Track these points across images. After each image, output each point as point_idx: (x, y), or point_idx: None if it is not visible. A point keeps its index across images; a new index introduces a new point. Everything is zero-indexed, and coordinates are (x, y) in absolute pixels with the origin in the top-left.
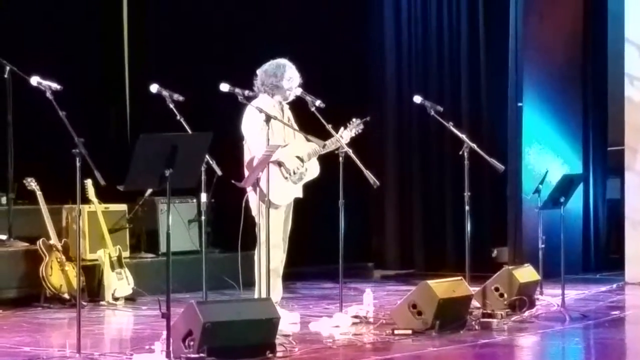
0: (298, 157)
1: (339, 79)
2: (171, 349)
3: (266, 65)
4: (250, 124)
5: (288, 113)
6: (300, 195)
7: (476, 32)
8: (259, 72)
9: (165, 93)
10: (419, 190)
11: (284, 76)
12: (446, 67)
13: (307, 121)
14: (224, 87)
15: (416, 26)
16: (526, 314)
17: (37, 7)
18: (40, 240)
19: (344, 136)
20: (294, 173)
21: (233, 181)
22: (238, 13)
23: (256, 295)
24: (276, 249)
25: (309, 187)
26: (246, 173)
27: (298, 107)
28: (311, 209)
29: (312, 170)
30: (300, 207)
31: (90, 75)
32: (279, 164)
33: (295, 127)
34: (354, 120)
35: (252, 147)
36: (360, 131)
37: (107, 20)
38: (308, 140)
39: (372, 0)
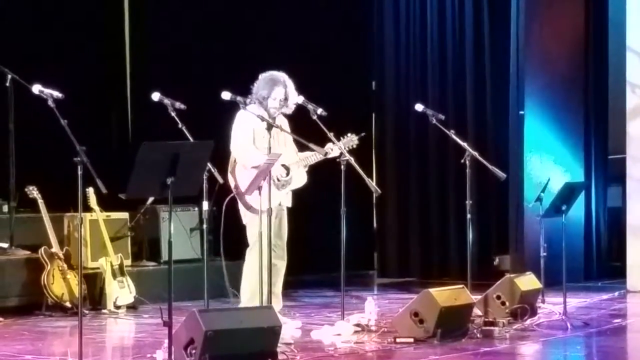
0: (284, 166)
1: (339, 87)
2: (173, 357)
3: (265, 74)
4: (238, 130)
5: (281, 120)
6: (288, 204)
7: (480, 40)
8: (260, 78)
9: (166, 101)
10: (420, 198)
11: (271, 95)
12: (449, 76)
13: (304, 129)
14: (226, 95)
15: (417, 35)
16: (528, 322)
17: (38, 16)
18: (42, 248)
19: (333, 149)
20: (278, 180)
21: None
22: (240, 21)
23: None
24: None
25: (309, 195)
26: (230, 179)
27: (298, 115)
28: (312, 217)
29: (298, 179)
30: (301, 215)
31: (92, 83)
32: None
33: (289, 134)
34: (348, 135)
35: (238, 154)
36: (354, 146)
37: (109, 28)
38: (310, 148)
39: (372, 8)
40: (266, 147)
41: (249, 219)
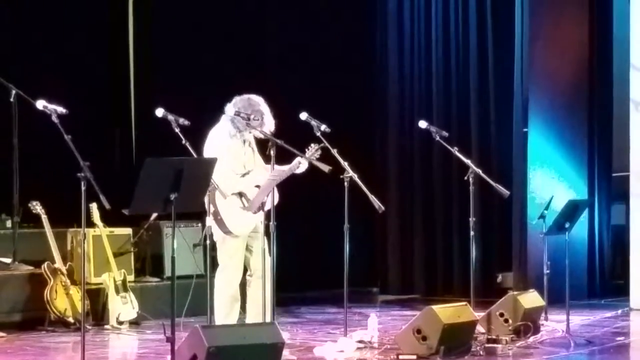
0: (257, 187)
1: (342, 103)
2: None
3: (243, 97)
4: (212, 150)
5: (250, 137)
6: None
7: (484, 56)
8: (239, 99)
9: (170, 117)
10: (423, 215)
11: (251, 117)
12: (453, 93)
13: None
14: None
15: (421, 52)
16: (531, 339)
17: (42, 31)
18: (45, 263)
19: (301, 162)
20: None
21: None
22: (243, 37)
23: (210, 320)
24: (236, 273)
25: (313, 212)
26: (208, 205)
27: (306, 131)
28: (315, 234)
29: (272, 198)
30: (304, 232)
31: (96, 99)
32: (240, 195)
33: (258, 155)
34: (312, 145)
35: (218, 181)
36: (317, 157)
37: (113, 43)
38: (308, 158)
39: (376, 24)
40: (240, 164)
41: (221, 239)
